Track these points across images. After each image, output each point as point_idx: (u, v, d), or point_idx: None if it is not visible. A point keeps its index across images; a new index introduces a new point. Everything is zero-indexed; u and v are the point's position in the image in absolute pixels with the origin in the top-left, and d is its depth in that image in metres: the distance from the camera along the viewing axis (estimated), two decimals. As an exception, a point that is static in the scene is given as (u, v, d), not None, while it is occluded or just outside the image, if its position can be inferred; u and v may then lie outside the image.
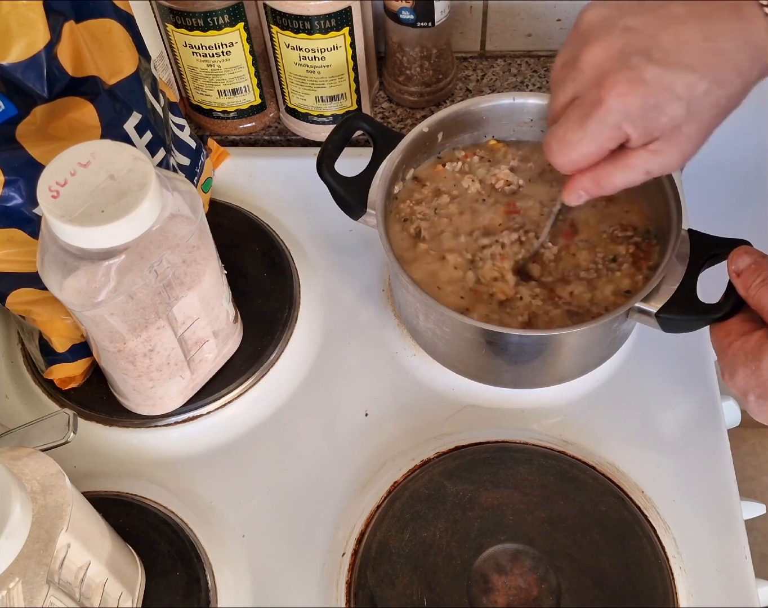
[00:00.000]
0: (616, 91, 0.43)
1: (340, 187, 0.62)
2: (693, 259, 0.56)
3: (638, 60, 0.43)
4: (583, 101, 0.45)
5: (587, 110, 0.45)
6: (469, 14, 0.83)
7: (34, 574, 0.40)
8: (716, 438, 0.61)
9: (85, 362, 0.63)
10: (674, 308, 0.54)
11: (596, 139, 0.45)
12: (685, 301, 0.55)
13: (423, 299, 0.57)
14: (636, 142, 0.45)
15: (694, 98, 0.43)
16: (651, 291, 0.55)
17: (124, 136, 0.58)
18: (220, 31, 0.73)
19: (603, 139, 0.45)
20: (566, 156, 0.47)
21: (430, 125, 0.65)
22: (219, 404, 0.63)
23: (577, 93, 0.46)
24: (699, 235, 0.57)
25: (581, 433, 0.61)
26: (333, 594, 0.55)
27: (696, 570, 0.55)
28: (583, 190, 0.49)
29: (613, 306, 0.58)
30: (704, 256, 0.56)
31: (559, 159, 0.48)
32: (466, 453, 0.59)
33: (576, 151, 0.46)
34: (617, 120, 0.44)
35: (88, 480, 0.60)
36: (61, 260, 0.49)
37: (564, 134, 0.46)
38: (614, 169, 0.47)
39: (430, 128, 0.66)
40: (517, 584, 0.53)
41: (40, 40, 0.52)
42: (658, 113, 0.43)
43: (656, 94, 0.43)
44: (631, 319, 0.57)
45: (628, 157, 0.46)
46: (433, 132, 0.66)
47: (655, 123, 0.44)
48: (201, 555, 0.56)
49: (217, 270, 0.58)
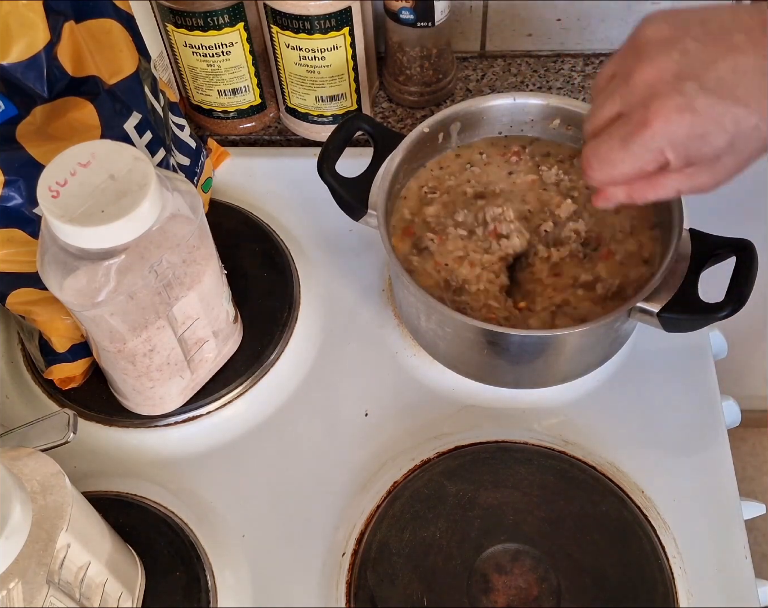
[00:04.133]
0: (664, 116, 0.43)
1: (340, 188, 0.62)
2: (694, 259, 0.56)
3: (691, 87, 0.42)
4: (629, 120, 0.45)
5: (632, 130, 0.44)
6: (469, 14, 0.83)
7: (34, 574, 0.40)
8: (716, 438, 0.61)
9: (85, 362, 0.63)
10: (676, 307, 0.54)
11: (637, 161, 0.45)
12: (686, 300, 0.55)
13: (425, 300, 0.57)
14: (674, 168, 0.45)
15: (740, 133, 0.42)
16: (653, 291, 0.55)
17: (124, 136, 0.58)
18: (220, 31, 0.73)
19: (644, 162, 0.45)
20: (606, 174, 0.47)
21: (430, 125, 0.66)
22: (219, 404, 0.63)
23: (623, 110, 0.45)
24: (700, 235, 0.57)
25: (581, 433, 0.61)
26: (333, 594, 0.55)
27: (696, 570, 0.55)
28: (615, 198, 0.49)
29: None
30: (706, 255, 0.56)
31: (599, 176, 0.47)
32: (466, 453, 0.59)
33: (617, 170, 0.46)
34: (661, 145, 0.44)
35: (88, 480, 0.60)
36: (61, 260, 0.49)
37: (607, 152, 0.46)
38: (647, 186, 0.47)
39: (431, 128, 0.66)
40: (517, 584, 0.53)
41: (40, 40, 0.52)
42: (702, 143, 0.43)
43: (704, 124, 0.42)
44: (632, 319, 0.57)
45: (663, 177, 0.46)
46: (433, 132, 0.66)
47: (697, 152, 0.44)
48: (201, 555, 0.56)
49: (217, 270, 0.58)
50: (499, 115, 0.67)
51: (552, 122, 0.67)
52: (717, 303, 0.53)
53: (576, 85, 0.84)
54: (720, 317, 0.52)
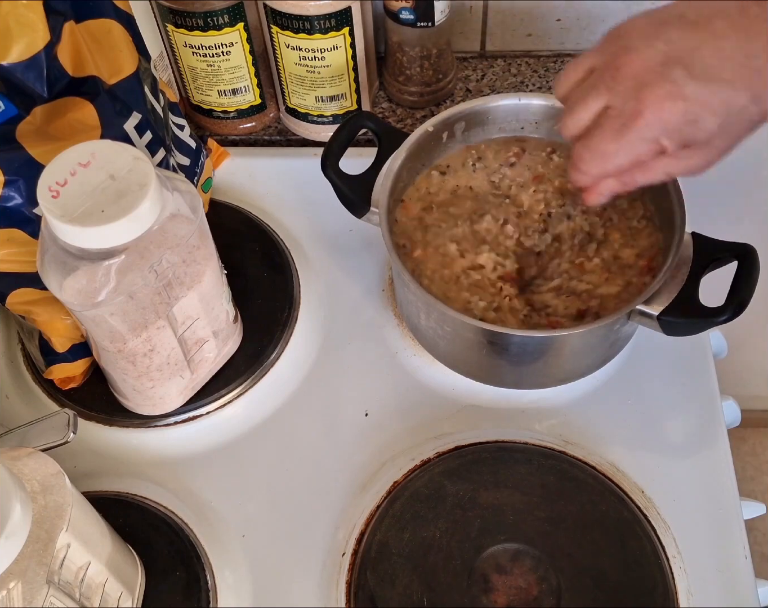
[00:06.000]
0: (656, 104, 0.43)
1: (344, 185, 0.62)
2: (696, 263, 0.56)
3: (679, 74, 0.42)
4: (620, 112, 0.45)
5: (624, 122, 0.44)
6: (469, 14, 0.83)
7: (34, 574, 0.40)
8: (716, 438, 0.61)
9: (85, 362, 0.63)
10: (676, 311, 0.54)
11: (632, 152, 0.45)
12: (687, 304, 0.54)
13: (424, 298, 0.57)
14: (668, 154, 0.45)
15: (730, 114, 0.43)
16: (653, 293, 0.54)
17: (124, 136, 0.58)
18: (220, 31, 0.73)
19: (639, 152, 0.45)
20: (600, 167, 0.47)
21: (435, 124, 0.65)
22: (219, 404, 0.63)
23: (610, 103, 0.45)
24: (703, 239, 0.57)
25: (581, 433, 0.61)
26: (333, 594, 0.55)
27: (696, 570, 0.55)
28: (608, 190, 0.49)
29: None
30: (707, 259, 0.56)
31: (593, 170, 0.47)
32: (466, 453, 0.59)
33: (611, 162, 0.46)
34: (655, 134, 0.44)
35: (88, 480, 0.60)
36: (61, 260, 0.49)
37: (598, 145, 0.46)
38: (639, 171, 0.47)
39: (435, 127, 0.65)
40: (517, 584, 0.53)
41: (40, 40, 0.52)
42: (695, 128, 0.43)
43: (696, 110, 0.43)
44: (632, 322, 0.57)
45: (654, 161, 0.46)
46: (438, 131, 0.66)
47: (690, 136, 0.44)
48: (201, 555, 0.56)
49: (217, 270, 0.58)
50: (504, 115, 0.67)
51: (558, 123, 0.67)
52: (717, 307, 0.53)
53: (576, 85, 0.84)
54: (720, 322, 0.52)
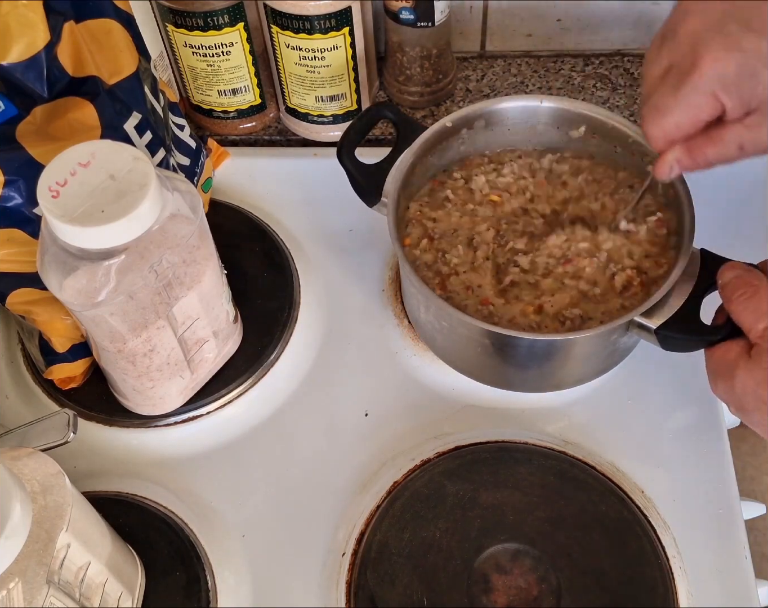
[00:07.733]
0: (711, 56, 0.42)
1: (358, 173, 0.62)
2: (701, 279, 0.54)
3: (736, 28, 0.42)
4: (678, 69, 0.44)
5: (682, 77, 0.44)
6: (469, 14, 0.83)
7: (34, 574, 0.40)
8: (716, 438, 0.61)
9: (85, 362, 0.63)
10: (674, 326, 0.53)
11: (690, 107, 0.44)
12: (686, 320, 0.53)
13: (424, 292, 0.56)
14: (732, 114, 0.44)
15: None
16: (653, 306, 0.53)
17: (124, 136, 0.58)
18: (220, 31, 0.73)
19: (697, 107, 0.44)
20: (658, 124, 0.46)
21: (453, 120, 0.65)
22: (219, 404, 0.63)
23: (672, 62, 0.45)
24: (711, 256, 0.55)
25: (581, 433, 0.61)
26: (333, 594, 0.55)
27: (696, 570, 0.55)
28: (676, 160, 0.48)
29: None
30: (713, 277, 0.53)
31: (652, 128, 0.46)
32: (466, 453, 0.59)
33: (668, 117, 0.45)
34: (712, 87, 0.43)
35: (88, 480, 0.60)
36: (61, 260, 0.49)
37: (657, 100, 0.45)
38: (708, 141, 0.46)
39: (454, 123, 0.65)
40: (517, 584, 0.53)
41: (40, 40, 0.52)
42: (755, 82, 0.42)
43: (753, 63, 0.42)
44: (630, 333, 0.56)
45: (723, 130, 0.45)
46: (456, 127, 0.65)
47: (751, 92, 0.43)
48: (201, 555, 0.56)
49: (217, 270, 0.58)
50: (526, 116, 0.66)
51: (578, 129, 0.66)
52: (715, 326, 0.52)
53: (576, 86, 0.84)
54: (716, 341, 0.51)
